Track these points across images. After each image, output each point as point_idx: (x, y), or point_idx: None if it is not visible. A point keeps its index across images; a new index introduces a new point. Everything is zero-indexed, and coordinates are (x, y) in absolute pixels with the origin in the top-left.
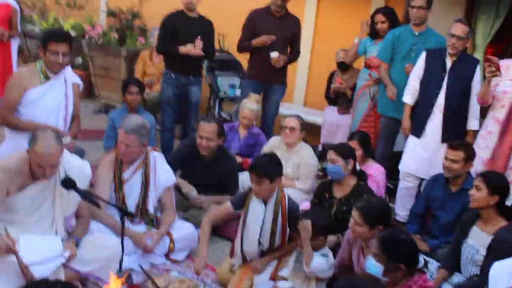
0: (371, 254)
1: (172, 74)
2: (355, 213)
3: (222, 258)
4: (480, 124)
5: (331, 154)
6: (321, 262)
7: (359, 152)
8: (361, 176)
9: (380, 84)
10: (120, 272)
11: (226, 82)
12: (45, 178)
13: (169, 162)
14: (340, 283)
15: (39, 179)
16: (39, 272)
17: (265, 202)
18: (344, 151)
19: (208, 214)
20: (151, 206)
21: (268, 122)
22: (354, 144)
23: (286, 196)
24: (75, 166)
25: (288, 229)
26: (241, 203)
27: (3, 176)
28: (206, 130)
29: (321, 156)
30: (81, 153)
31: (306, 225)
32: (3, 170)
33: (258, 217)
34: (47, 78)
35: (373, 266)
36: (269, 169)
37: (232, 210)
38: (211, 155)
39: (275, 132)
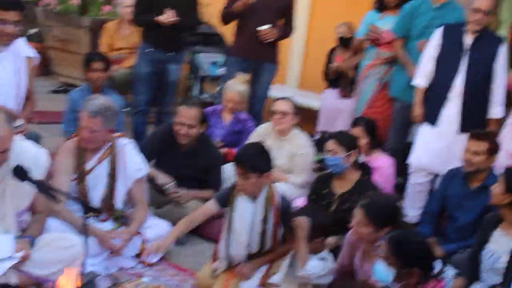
0: (380, 258)
1: (149, 48)
2: (358, 212)
3: (203, 262)
4: (507, 112)
5: (331, 144)
6: (317, 265)
7: (364, 141)
8: (366, 169)
9: (394, 64)
10: (82, 276)
11: (208, 60)
12: None
13: (142, 151)
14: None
15: None
16: None
17: (254, 199)
18: (346, 140)
19: (188, 216)
20: (119, 201)
21: (257, 107)
22: (358, 131)
23: (278, 192)
24: (29, 153)
25: (280, 230)
26: (226, 201)
27: None
28: (186, 115)
29: (319, 146)
30: (36, 139)
31: (302, 222)
32: None
33: (246, 216)
34: None
35: (382, 271)
36: (257, 161)
37: (216, 211)
38: (191, 144)
39: (265, 118)
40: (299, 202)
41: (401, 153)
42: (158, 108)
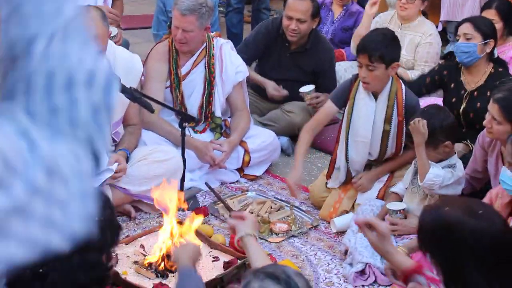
0: (506, 164)
1: None
2: (493, 107)
3: (313, 174)
4: None
5: (465, 27)
6: (439, 174)
7: (497, 26)
8: (499, 63)
9: None
10: (181, 192)
11: None
12: None
13: (243, 50)
14: (426, 216)
15: None
16: None
17: (376, 96)
18: (484, 26)
19: (309, 124)
20: (218, 108)
21: None
22: (491, 14)
23: (403, 87)
24: (123, 60)
25: (404, 132)
26: (344, 100)
27: None
28: (296, 8)
29: (442, 39)
30: (125, 45)
31: (419, 126)
32: None
33: (367, 115)
34: None
35: (510, 178)
36: (385, 49)
37: (335, 109)
38: (300, 42)
39: (379, 11)
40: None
41: None
42: (253, 4)
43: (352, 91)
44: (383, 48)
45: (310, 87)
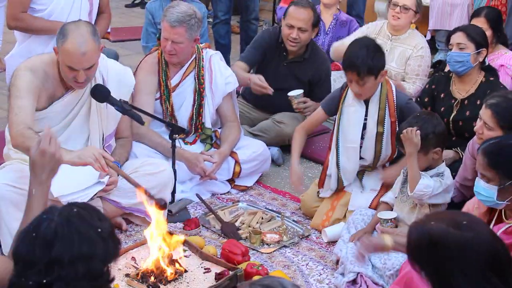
0: (478, 175)
1: None
2: (485, 113)
3: (306, 184)
4: None
5: (459, 37)
6: (429, 184)
7: (486, 33)
8: (490, 71)
9: None
10: (172, 204)
11: None
12: (79, 87)
13: (245, 57)
14: (412, 232)
15: (72, 89)
16: None
17: (366, 101)
18: (477, 35)
19: (301, 125)
20: (208, 119)
21: (358, 6)
22: (480, 22)
23: (393, 88)
24: (116, 73)
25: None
26: (335, 107)
27: (34, 76)
28: (298, 17)
29: (431, 48)
30: (115, 58)
31: (412, 136)
32: (31, 70)
33: (356, 119)
34: None
35: (484, 189)
36: (372, 62)
37: (325, 116)
38: (299, 51)
39: (368, 20)
40: None
41: None
42: (242, 15)
43: (342, 98)
44: (369, 61)
45: (299, 91)
